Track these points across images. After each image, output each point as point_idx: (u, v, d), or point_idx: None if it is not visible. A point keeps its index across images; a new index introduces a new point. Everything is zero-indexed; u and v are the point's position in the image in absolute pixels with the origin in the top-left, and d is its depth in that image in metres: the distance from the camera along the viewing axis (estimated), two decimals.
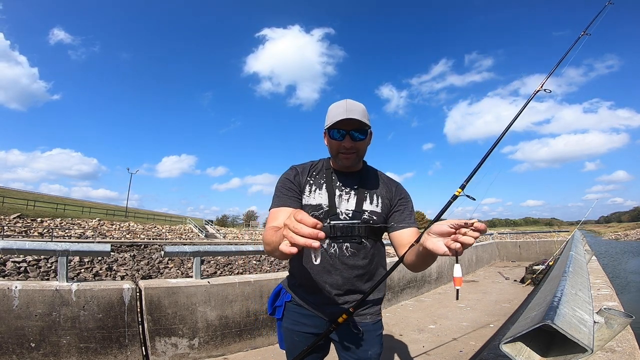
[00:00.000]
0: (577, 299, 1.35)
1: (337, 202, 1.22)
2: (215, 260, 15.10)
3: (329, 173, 1.27)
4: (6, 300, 2.39)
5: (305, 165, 1.32)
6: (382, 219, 1.22)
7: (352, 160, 1.21)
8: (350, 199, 1.23)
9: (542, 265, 7.58)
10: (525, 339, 0.99)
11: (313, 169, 1.30)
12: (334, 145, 1.20)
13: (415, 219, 1.26)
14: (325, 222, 1.18)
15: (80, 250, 2.94)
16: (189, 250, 3.35)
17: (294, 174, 1.27)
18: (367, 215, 1.20)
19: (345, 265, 1.18)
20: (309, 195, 1.24)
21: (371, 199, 1.23)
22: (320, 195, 1.22)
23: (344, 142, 1.17)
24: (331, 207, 1.20)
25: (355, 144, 1.18)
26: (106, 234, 27.28)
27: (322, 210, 1.20)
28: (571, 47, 1.64)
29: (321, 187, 1.24)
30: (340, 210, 1.20)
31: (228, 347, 3.13)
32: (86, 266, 11.54)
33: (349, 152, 1.18)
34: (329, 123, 1.16)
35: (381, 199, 1.24)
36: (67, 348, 2.50)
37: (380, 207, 1.23)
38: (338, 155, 1.21)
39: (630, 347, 1.32)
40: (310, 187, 1.25)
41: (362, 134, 1.18)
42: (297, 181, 1.25)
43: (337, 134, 1.17)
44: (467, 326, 4.17)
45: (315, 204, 1.21)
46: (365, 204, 1.22)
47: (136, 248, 16.65)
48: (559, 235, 13.96)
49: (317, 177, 1.27)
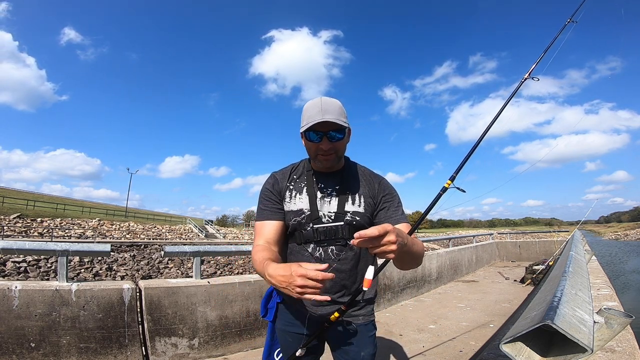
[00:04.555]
0: (577, 299, 1.35)
1: (319, 204, 1.20)
2: (215, 260, 15.12)
3: (310, 175, 1.25)
4: (6, 300, 2.39)
5: (285, 170, 1.30)
6: (366, 218, 1.20)
7: (331, 161, 1.17)
8: (332, 200, 1.21)
9: (542, 265, 7.57)
10: (525, 339, 0.99)
11: (294, 173, 1.28)
12: (311, 147, 1.16)
13: (404, 213, 1.24)
14: (308, 227, 1.18)
15: (80, 250, 2.94)
16: (189, 250, 3.35)
17: (272, 182, 1.26)
18: (349, 216, 1.18)
19: (331, 269, 1.17)
20: (289, 201, 1.22)
21: (353, 200, 1.21)
22: (301, 200, 1.21)
23: (321, 144, 1.13)
24: (313, 212, 1.19)
25: (334, 145, 1.14)
26: (106, 234, 27.28)
27: (303, 215, 1.19)
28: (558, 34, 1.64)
29: (302, 191, 1.23)
30: (322, 213, 1.19)
31: (228, 347, 3.13)
32: (86, 266, 11.55)
33: (328, 153, 1.15)
34: (305, 125, 1.12)
35: (364, 199, 1.21)
36: (67, 348, 2.50)
37: (363, 207, 1.20)
38: (317, 157, 1.18)
39: (630, 347, 1.32)
40: (290, 192, 1.24)
41: (340, 133, 1.14)
42: (276, 190, 1.24)
43: (314, 136, 1.13)
44: (467, 326, 4.17)
45: (297, 209, 1.20)
46: (347, 205, 1.19)
47: (136, 248, 16.65)
48: (559, 235, 13.94)
49: (297, 180, 1.26)
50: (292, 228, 1.21)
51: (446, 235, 27.65)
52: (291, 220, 1.20)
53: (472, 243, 10.12)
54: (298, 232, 1.20)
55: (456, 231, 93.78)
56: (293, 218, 1.20)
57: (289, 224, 1.21)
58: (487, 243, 11.72)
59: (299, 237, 1.20)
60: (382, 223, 1.18)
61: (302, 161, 1.33)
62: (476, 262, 9.67)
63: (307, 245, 1.19)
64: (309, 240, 1.18)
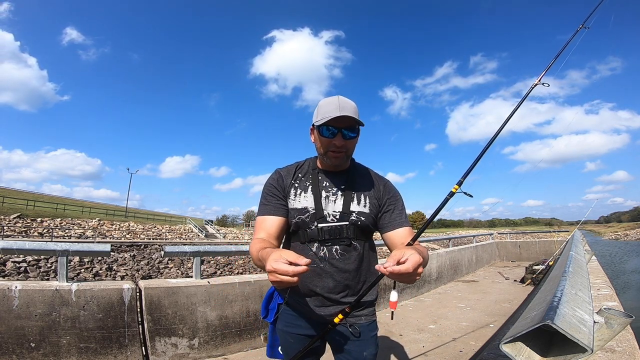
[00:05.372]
0: (577, 299, 1.36)
1: (324, 203, 1.19)
2: (215, 260, 15.11)
3: (315, 174, 1.24)
4: (6, 300, 2.39)
5: (290, 167, 1.30)
6: (371, 219, 1.20)
7: (341, 159, 1.17)
8: (337, 200, 1.20)
9: (542, 265, 7.57)
10: (525, 339, 0.99)
11: (299, 171, 1.27)
12: (323, 142, 1.16)
13: (407, 217, 1.24)
14: (312, 226, 1.17)
15: (80, 250, 2.94)
16: (189, 250, 3.35)
17: (277, 178, 1.25)
18: (354, 216, 1.18)
19: (335, 269, 1.17)
20: (294, 198, 1.21)
21: (359, 200, 1.20)
22: (305, 198, 1.20)
23: (334, 140, 1.13)
24: (317, 210, 1.18)
25: (346, 143, 1.14)
26: (106, 234, 27.28)
27: (308, 213, 1.18)
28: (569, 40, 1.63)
29: (306, 189, 1.22)
30: (327, 212, 1.18)
31: (228, 347, 3.13)
32: (86, 266, 11.55)
33: (339, 150, 1.15)
34: (320, 119, 1.12)
35: (369, 199, 1.21)
36: (67, 348, 2.50)
37: (368, 208, 1.20)
38: (327, 153, 1.17)
39: (630, 347, 1.32)
40: (295, 190, 1.23)
41: (353, 132, 1.14)
42: (280, 186, 1.23)
43: (327, 132, 1.13)
44: (467, 326, 4.17)
45: (301, 208, 1.19)
46: (352, 205, 1.19)
47: (136, 248, 16.65)
48: (559, 235, 13.94)
49: (302, 179, 1.25)
50: (296, 226, 1.20)
51: (446, 235, 27.64)
52: (295, 218, 1.19)
53: (472, 243, 10.11)
54: (302, 230, 1.19)
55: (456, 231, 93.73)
56: (297, 216, 1.19)
57: (292, 221, 1.20)
58: (487, 243, 11.72)
59: (302, 236, 1.19)
60: (386, 226, 1.20)
61: (307, 160, 1.32)
62: (476, 262, 9.66)
63: (311, 244, 1.18)
64: (313, 239, 1.17)
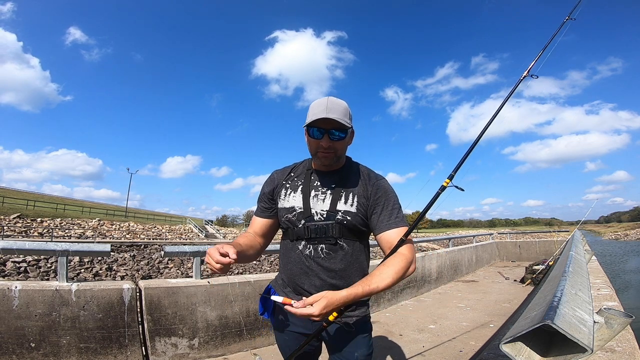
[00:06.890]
0: (577, 298, 1.36)
1: (312, 202, 1.21)
2: None
3: (308, 174, 1.27)
4: (6, 300, 2.39)
5: (286, 168, 1.35)
6: (359, 219, 1.18)
7: (330, 159, 1.19)
8: (326, 199, 1.20)
9: (542, 265, 7.57)
10: (525, 339, 0.99)
11: (293, 171, 1.32)
12: (312, 143, 1.18)
13: (401, 216, 1.20)
14: (299, 224, 1.20)
15: (80, 250, 2.94)
16: (189, 250, 3.35)
17: (269, 182, 1.33)
18: (340, 215, 1.17)
19: (320, 267, 1.17)
20: (284, 198, 1.26)
21: (346, 199, 1.20)
22: (294, 198, 1.23)
23: (322, 141, 1.15)
24: (305, 209, 1.20)
25: (334, 144, 1.15)
26: (106, 234, 27.26)
27: (295, 212, 1.21)
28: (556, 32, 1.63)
29: (297, 189, 1.25)
30: (315, 211, 1.19)
31: (228, 347, 3.13)
32: (86, 266, 11.54)
33: (327, 151, 1.16)
34: (309, 121, 1.14)
35: (357, 198, 1.20)
36: (67, 348, 2.50)
37: (356, 207, 1.18)
38: (317, 153, 1.19)
39: (630, 347, 1.32)
40: (286, 190, 1.27)
41: (341, 132, 1.15)
42: (269, 188, 1.31)
43: (316, 132, 1.15)
44: (467, 326, 4.17)
45: (289, 207, 1.23)
46: (339, 204, 1.19)
47: (136, 248, 16.62)
48: (559, 235, 13.93)
49: (295, 179, 1.29)
50: (285, 225, 1.24)
51: (446, 235, 27.64)
52: (283, 217, 1.24)
53: (472, 243, 10.11)
54: (290, 229, 1.23)
55: (456, 231, 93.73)
56: (285, 215, 1.23)
57: (281, 220, 1.25)
58: (487, 243, 11.71)
59: (291, 234, 1.23)
60: (375, 228, 1.20)
61: (305, 160, 1.35)
62: (476, 262, 9.66)
63: (299, 242, 1.21)
64: (300, 237, 1.20)
